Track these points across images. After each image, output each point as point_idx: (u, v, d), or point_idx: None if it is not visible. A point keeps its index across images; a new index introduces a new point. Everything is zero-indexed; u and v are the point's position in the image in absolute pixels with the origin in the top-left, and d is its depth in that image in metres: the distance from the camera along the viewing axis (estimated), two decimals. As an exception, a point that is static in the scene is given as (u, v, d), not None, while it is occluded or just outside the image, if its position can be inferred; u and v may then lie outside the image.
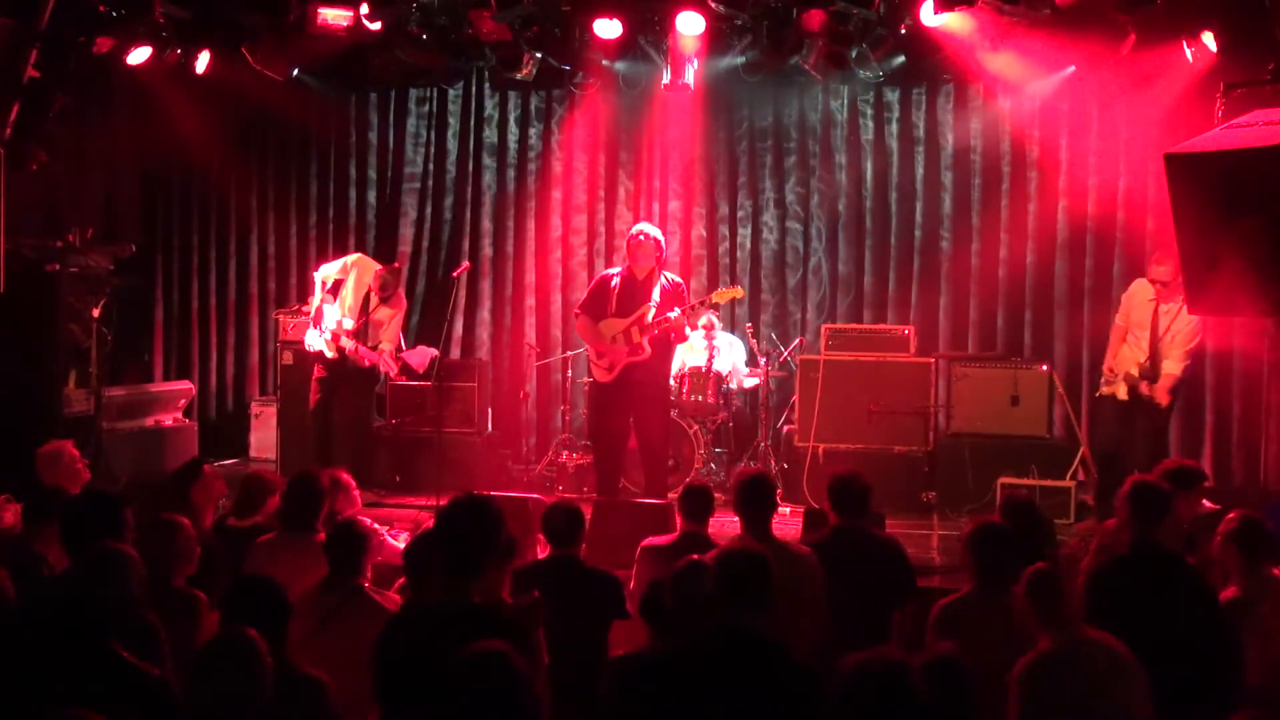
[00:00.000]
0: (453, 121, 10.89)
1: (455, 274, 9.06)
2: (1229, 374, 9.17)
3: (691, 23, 8.44)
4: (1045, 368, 8.87)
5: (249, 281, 11.22)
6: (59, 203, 9.54)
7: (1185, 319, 7.72)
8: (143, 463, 9.14)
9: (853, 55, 8.78)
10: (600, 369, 7.95)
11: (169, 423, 10.01)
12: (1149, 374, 7.77)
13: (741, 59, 9.32)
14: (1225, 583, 4.77)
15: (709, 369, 9.24)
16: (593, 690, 3.97)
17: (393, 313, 8.79)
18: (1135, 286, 8.11)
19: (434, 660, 3.25)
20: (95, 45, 8.72)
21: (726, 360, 9.51)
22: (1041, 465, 8.31)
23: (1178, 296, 7.63)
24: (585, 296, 8.20)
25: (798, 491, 8.58)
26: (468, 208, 10.86)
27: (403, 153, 10.94)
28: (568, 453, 9.36)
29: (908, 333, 9.17)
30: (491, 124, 10.83)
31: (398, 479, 9.10)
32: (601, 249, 10.62)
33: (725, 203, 10.49)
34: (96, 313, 9.12)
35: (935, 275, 10.05)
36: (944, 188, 10.05)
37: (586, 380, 8.75)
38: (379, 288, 8.74)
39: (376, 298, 8.74)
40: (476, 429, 9.58)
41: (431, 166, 10.91)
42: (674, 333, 7.80)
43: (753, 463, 9.18)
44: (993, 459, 8.45)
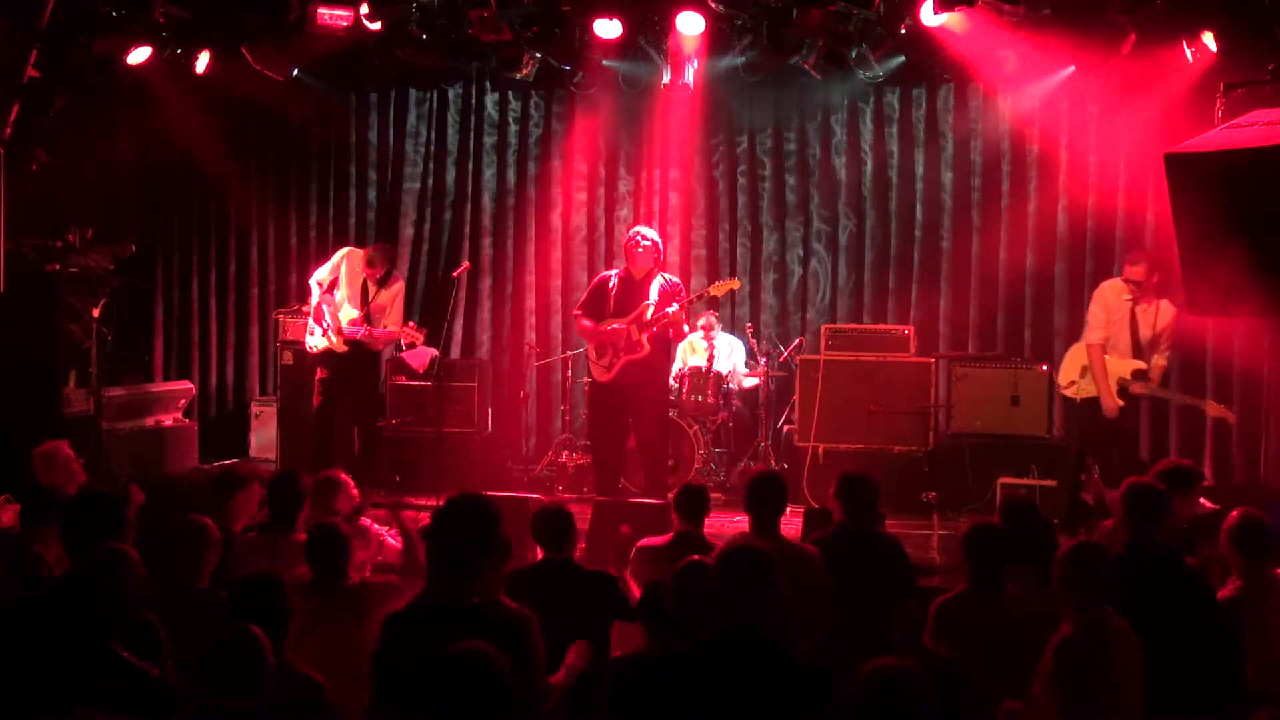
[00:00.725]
0: (453, 121, 10.88)
1: (455, 274, 9.06)
2: (1229, 374, 9.16)
3: (691, 23, 8.45)
4: (1045, 368, 8.87)
5: (249, 281, 11.22)
6: (59, 203, 9.54)
7: (1165, 318, 7.62)
8: (145, 462, 9.15)
9: (853, 55, 8.79)
10: (599, 368, 7.94)
11: (169, 423, 10.01)
12: (1142, 376, 7.70)
13: (741, 59, 9.31)
14: (1225, 582, 4.78)
15: (709, 369, 9.24)
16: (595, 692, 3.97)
17: (393, 295, 8.73)
18: (1106, 290, 7.80)
19: (432, 659, 3.25)
20: (95, 45, 8.73)
21: (726, 361, 9.52)
22: (1041, 465, 8.31)
23: (1152, 297, 7.59)
24: (584, 297, 8.22)
25: (798, 491, 8.57)
26: (468, 207, 10.86)
27: (403, 153, 10.93)
28: (568, 453, 9.36)
29: (908, 333, 9.18)
30: (491, 124, 10.83)
31: (398, 479, 9.10)
32: (601, 249, 10.63)
33: (725, 203, 10.49)
34: (96, 313, 9.12)
35: (935, 275, 10.05)
36: (944, 188, 10.05)
37: (586, 380, 8.75)
38: (367, 264, 8.65)
39: (373, 284, 8.68)
40: (476, 429, 9.58)
41: (431, 166, 10.90)
42: (672, 329, 7.80)
43: (753, 463, 9.19)
44: (993, 459, 8.45)
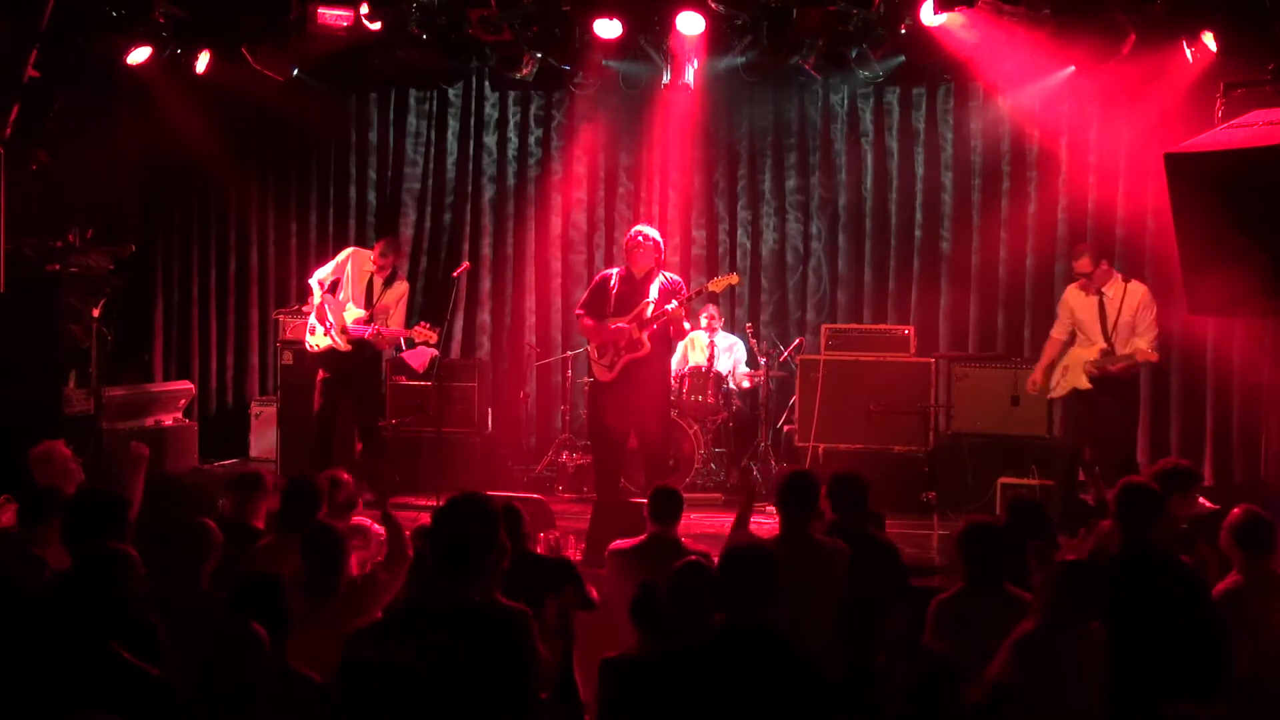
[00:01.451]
0: (453, 122, 10.89)
1: (455, 274, 9.06)
2: (1229, 374, 9.16)
3: (691, 23, 8.45)
4: (1045, 368, 8.87)
5: (249, 281, 11.22)
6: (59, 203, 9.54)
7: (1134, 300, 7.69)
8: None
9: (853, 55, 8.80)
10: (601, 367, 7.94)
11: (169, 423, 10.01)
12: (1110, 358, 7.72)
13: (741, 59, 9.32)
14: (1222, 579, 4.79)
15: (709, 369, 9.24)
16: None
17: (397, 296, 8.70)
18: (1069, 293, 8.04)
19: (432, 658, 3.26)
20: (95, 45, 8.73)
21: (727, 360, 9.52)
22: (1041, 465, 8.31)
23: (1108, 281, 7.75)
24: (585, 296, 8.22)
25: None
26: (468, 207, 10.87)
27: (403, 153, 10.93)
28: (568, 453, 9.36)
29: (908, 333, 9.18)
30: (491, 124, 10.83)
31: (397, 479, 9.10)
32: (601, 248, 10.63)
33: (725, 203, 10.50)
34: (96, 313, 9.11)
35: (935, 275, 10.05)
36: (944, 188, 10.06)
37: (586, 380, 8.75)
38: (380, 255, 8.58)
39: (379, 281, 8.63)
40: (476, 429, 9.58)
41: (431, 166, 10.91)
42: (673, 326, 7.80)
43: (754, 463, 9.19)
44: (993, 459, 8.45)
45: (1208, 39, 7.87)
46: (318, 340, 8.62)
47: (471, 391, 9.64)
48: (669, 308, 7.69)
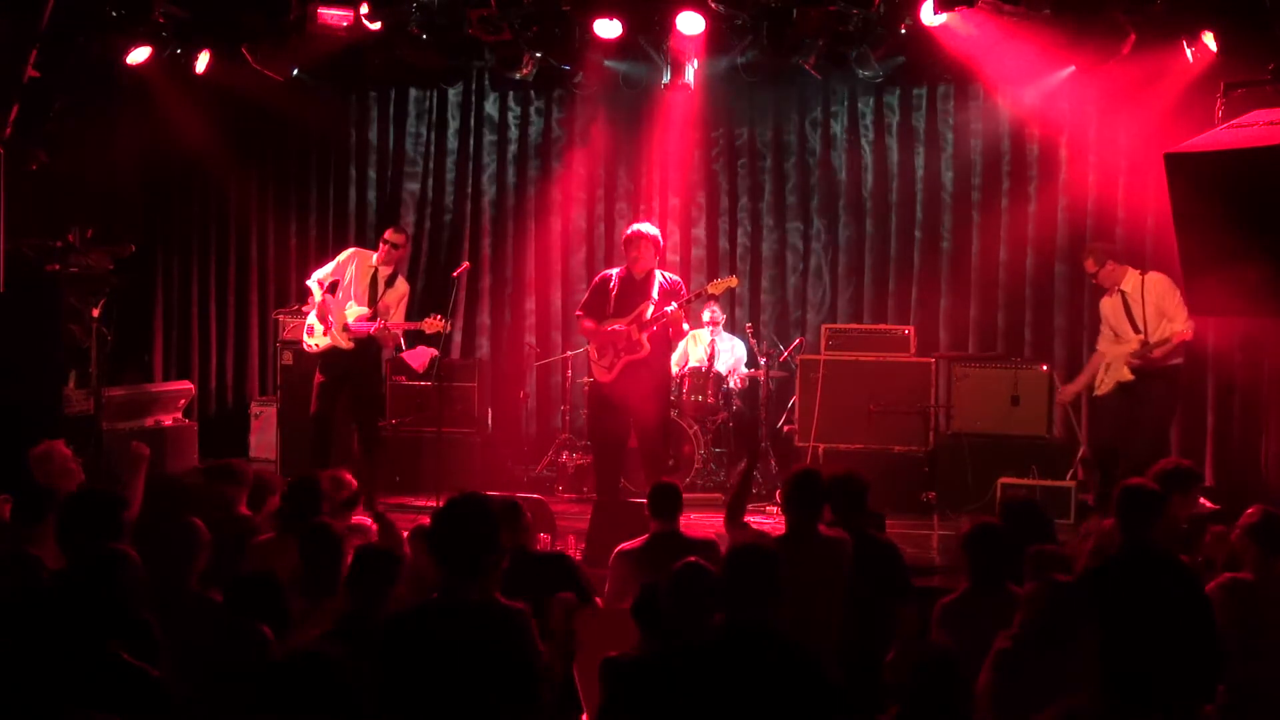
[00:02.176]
0: (453, 121, 10.89)
1: (455, 274, 9.04)
2: (1229, 374, 9.15)
3: (691, 23, 8.45)
4: (1045, 368, 8.88)
5: (249, 281, 11.21)
6: (59, 203, 9.54)
7: (1154, 290, 7.80)
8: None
9: (853, 55, 8.79)
10: (600, 368, 7.94)
11: (169, 423, 10.01)
12: (1149, 346, 7.81)
13: (741, 59, 9.32)
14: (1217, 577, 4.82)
15: (709, 369, 9.24)
16: None
17: (399, 296, 8.68)
18: (1101, 304, 8.17)
19: (434, 658, 3.26)
20: (95, 45, 8.73)
21: (728, 360, 9.52)
22: (1041, 465, 8.33)
23: (1123, 278, 7.88)
24: (585, 297, 8.21)
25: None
26: (468, 207, 10.87)
27: (403, 153, 10.93)
28: (568, 453, 9.36)
29: (908, 333, 9.18)
30: (491, 124, 10.83)
31: (397, 479, 9.09)
32: (601, 248, 10.63)
33: (725, 202, 10.50)
34: (96, 313, 9.10)
35: (935, 275, 10.05)
36: (944, 188, 10.06)
37: (586, 380, 8.75)
38: (392, 246, 8.54)
39: (382, 280, 8.60)
40: (476, 429, 9.58)
41: (431, 166, 10.91)
42: (672, 327, 7.80)
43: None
44: (993, 459, 8.46)
45: (1208, 39, 7.87)
46: (317, 340, 8.59)
47: (471, 391, 9.65)
48: (668, 310, 7.69)
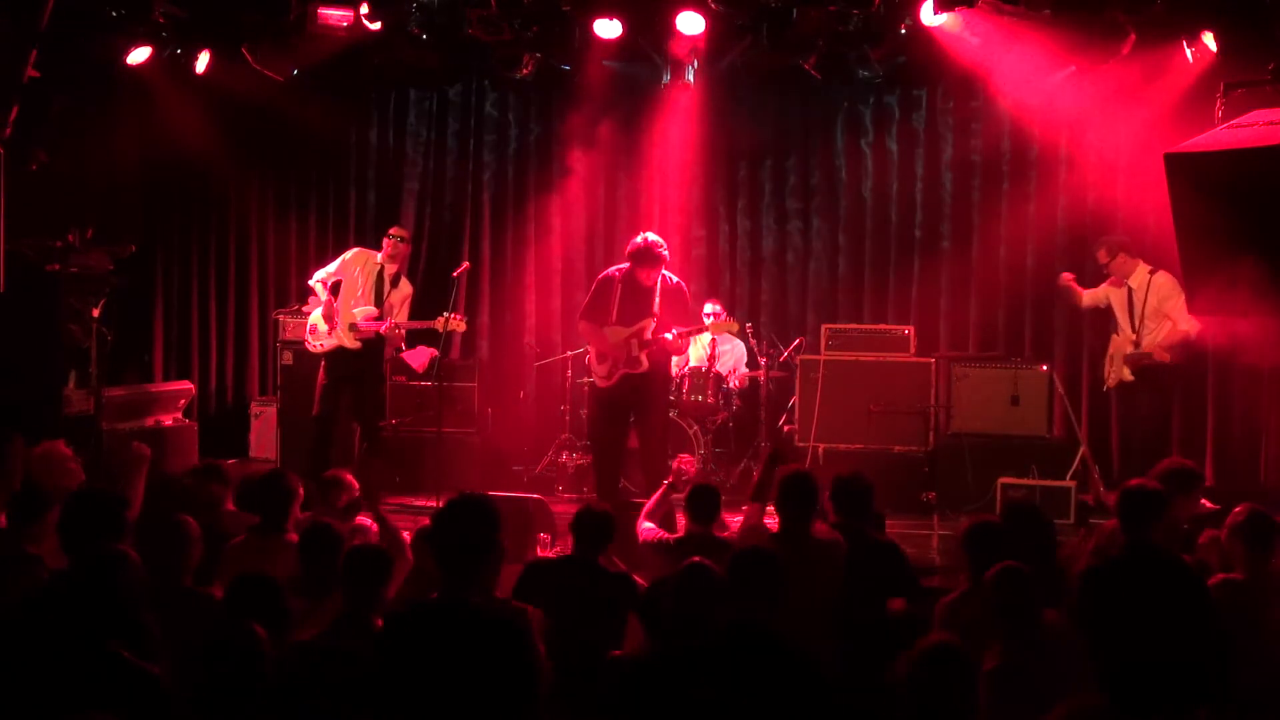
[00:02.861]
0: (453, 122, 10.89)
1: (455, 274, 9.03)
2: (1229, 374, 9.16)
3: (691, 23, 8.45)
4: (1045, 368, 8.88)
5: (249, 281, 11.21)
6: (59, 203, 9.53)
7: (1160, 288, 7.88)
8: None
9: (852, 56, 8.79)
10: (600, 375, 7.95)
11: (169, 423, 10.00)
12: (1143, 354, 7.94)
13: (741, 59, 9.31)
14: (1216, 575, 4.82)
15: (710, 369, 9.23)
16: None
17: (403, 296, 8.67)
18: (1110, 293, 8.30)
19: (431, 659, 3.26)
20: (95, 45, 8.72)
21: (728, 361, 9.51)
22: (1041, 465, 8.33)
23: (1133, 272, 8.02)
24: (587, 301, 8.15)
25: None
26: (468, 207, 10.87)
27: (403, 153, 10.93)
28: (568, 453, 9.36)
29: (908, 333, 9.18)
30: (491, 124, 10.83)
31: (397, 479, 9.09)
32: (602, 248, 10.62)
33: (725, 202, 10.50)
34: (96, 313, 9.09)
35: (935, 275, 10.05)
36: (944, 188, 10.06)
37: (586, 380, 8.74)
38: (399, 242, 8.57)
39: (388, 279, 8.59)
40: (476, 429, 9.58)
41: (431, 166, 10.91)
42: (670, 350, 7.83)
43: (754, 463, 9.18)
44: (993, 459, 8.46)
45: (1208, 39, 7.88)
46: (322, 341, 8.58)
47: (471, 391, 9.65)
48: (667, 337, 7.68)
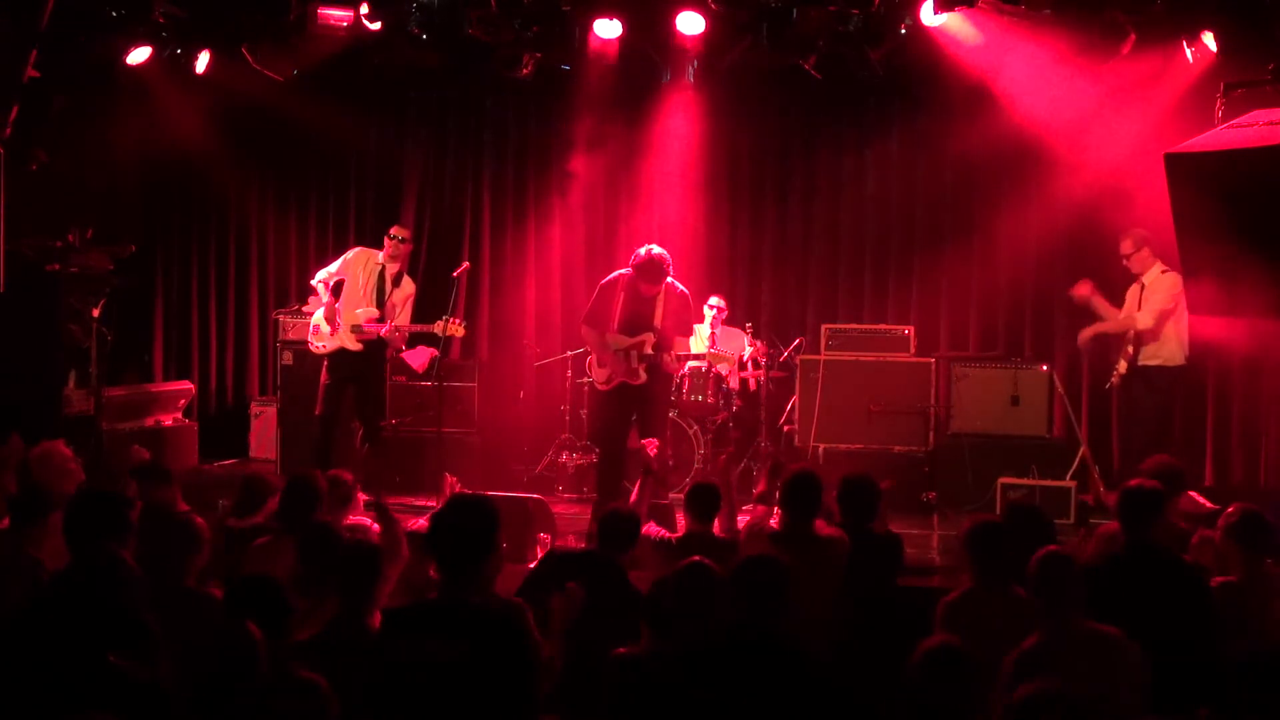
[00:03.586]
0: (453, 121, 10.89)
1: (455, 274, 9.02)
2: (1229, 374, 9.16)
3: (691, 23, 8.45)
4: (1045, 368, 8.88)
5: (249, 281, 11.22)
6: (59, 203, 9.54)
7: (1158, 285, 7.91)
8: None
9: (852, 56, 8.78)
10: (599, 379, 7.98)
11: (169, 423, 10.02)
12: (1137, 345, 7.99)
13: (741, 59, 9.30)
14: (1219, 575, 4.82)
15: (710, 369, 9.23)
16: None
17: (405, 295, 8.65)
18: (1128, 292, 8.26)
19: (430, 658, 3.26)
20: (95, 45, 8.73)
21: (725, 348, 9.50)
22: (1041, 465, 8.32)
23: (1148, 269, 8.04)
24: (589, 306, 8.09)
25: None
26: (468, 207, 10.87)
27: (403, 153, 10.94)
28: (568, 453, 9.35)
29: (908, 333, 9.18)
30: (491, 124, 10.83)
31: (398, 479, 9.08)
32: (602, 249, 10.61)
33: (725, 202, 10.49)
34: (96, 313, 9.11)
35: (935, 275, 10.05)
36: (944, 187, 10.05)
37: (586, 380, 8.74)
38: (401, 241, 8.53)
39: (389, 279, 8.58)
40: (476, 429, 9.58)
41: (431, 166, 10.91)
42: (667, 370, 7.86)
43: (753, 463, 9.18)
44: (993, 459, 8.47)
45: (1208, 39, 7.88)
46: (324, 342, 8.56)
47: (471, 391, 9.64)
48: (665, 358, 7.69)
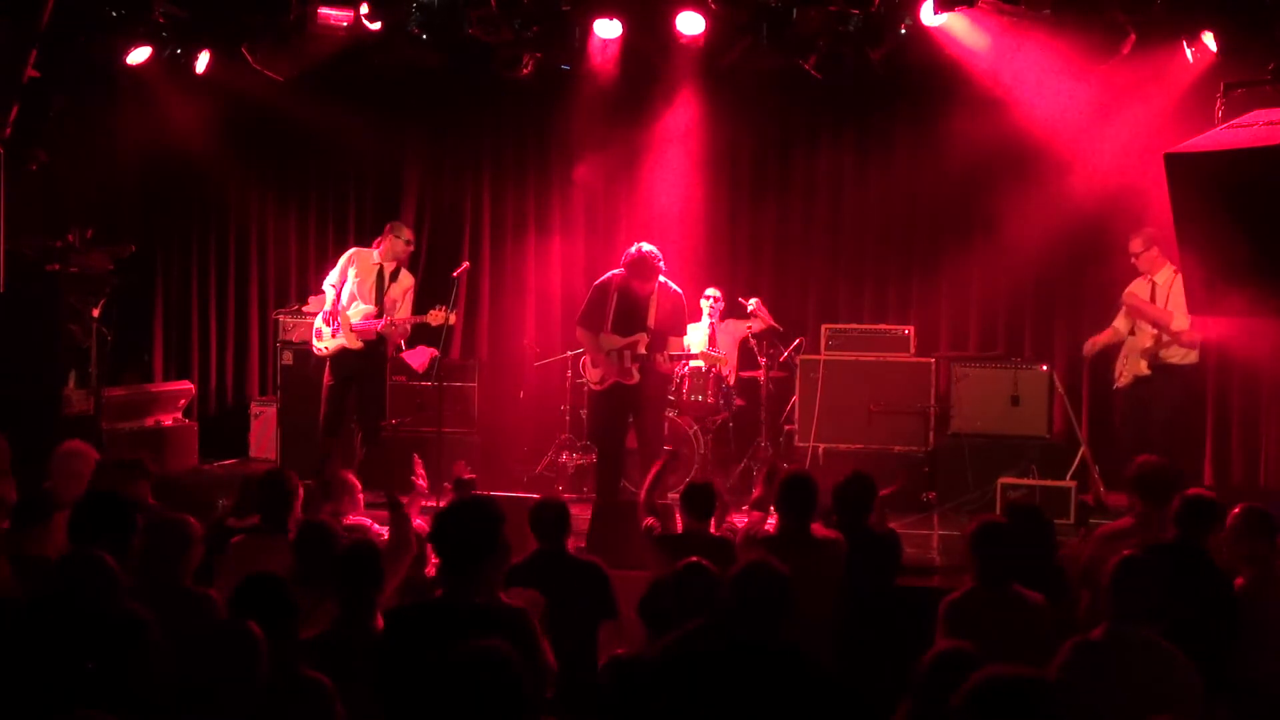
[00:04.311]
0: (453, 122, 10.88)
1: (455, 274, 9.02)
2: (1229, 374, 9.16)
3: (691, 23, 8.46)
4: (1045, 368, 8.88)
5: (249, 281, 11.22)
6: (59, 203, 9.54)
7: (1178, 284, 7.73)
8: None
9: (852, 56, 8.79)
10: (593, 379, 7.99)
11: (169, 423, 10.01)
12: (1163, 343, 7.85)
13: (741, 59, 9.31)
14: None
15: (709, 369, 9.23)
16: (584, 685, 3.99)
17: (404, 290, 8.65)
18: (1133, 285, 8.17)
19: (434, 658, 3.26)
20: (95, 45, 8.73)
21: (725, 344, 9.51)
22: (1041, 465, 8.33)
23: (1159, 268, 7.94)
24: (584, 308, 8.15)
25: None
26: (468, 207, 10.86)
27: (403, 153, 10.93)
28: (568, 453, 9.35)
29: (908, 333, 9.18)
30: (491, 124, 10.82)
31: (397, 479, 9.06)
32: (602, 249, 10.60)
33: (725, 202, 10.49)
34: (96, 313, 9.11)
35: (935, 275, 10.05)
36: (944, 187, 10.05)
37: (584, 380, 8.74)
38: (404, 242, 8.54)
39: (388, 274, 8.58)
40: (476, 429, 9.58)
41: (431, 166, 10.90)
42: (661, 371, 7.87)
43: (753, 463, 9.18)
44: (993, 459, 8.46)
45: (1208, 39, 7.88)
46: (326, 343, 8.57)
47: (471, 391, 9.65)
48: (659, 358, 7.69)
